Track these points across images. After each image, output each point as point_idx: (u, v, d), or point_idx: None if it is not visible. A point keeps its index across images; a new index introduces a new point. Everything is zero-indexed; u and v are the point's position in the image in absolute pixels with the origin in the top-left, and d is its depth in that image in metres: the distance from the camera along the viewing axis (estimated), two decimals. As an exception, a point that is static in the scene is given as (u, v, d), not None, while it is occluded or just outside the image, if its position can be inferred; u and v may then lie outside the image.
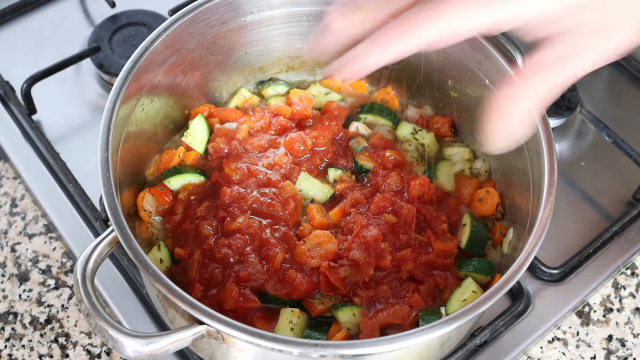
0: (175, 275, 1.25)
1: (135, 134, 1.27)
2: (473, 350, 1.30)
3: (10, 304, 1.36)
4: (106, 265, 1.37)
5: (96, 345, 1.32)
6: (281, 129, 1.41)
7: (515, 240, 1.25)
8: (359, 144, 1.40)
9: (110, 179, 1.10)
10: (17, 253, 1.42)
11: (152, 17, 1.70)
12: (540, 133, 1.17)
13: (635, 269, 1.45)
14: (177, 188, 1.34)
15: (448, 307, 1.21)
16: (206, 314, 0.98)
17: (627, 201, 1.50)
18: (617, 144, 1.52)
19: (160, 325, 1.32)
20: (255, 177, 1.33)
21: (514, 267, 1.05)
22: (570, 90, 1.60)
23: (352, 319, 1.20)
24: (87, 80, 1.65)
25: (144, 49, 1.23)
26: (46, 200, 1.46)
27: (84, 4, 1.78)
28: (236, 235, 1.24)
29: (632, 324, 1.39)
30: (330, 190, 1.34)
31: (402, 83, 1.49)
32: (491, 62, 1.27)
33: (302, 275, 1.22)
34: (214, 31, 1.34)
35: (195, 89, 1.42)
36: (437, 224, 1.30)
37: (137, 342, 0.97)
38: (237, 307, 1.19)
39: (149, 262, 1.02)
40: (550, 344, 1.36)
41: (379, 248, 1.24)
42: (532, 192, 1.19)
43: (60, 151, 1.49)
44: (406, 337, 0.98)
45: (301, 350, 0.97)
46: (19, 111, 1.55)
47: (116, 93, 1.17)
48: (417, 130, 1.44)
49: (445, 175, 1.38)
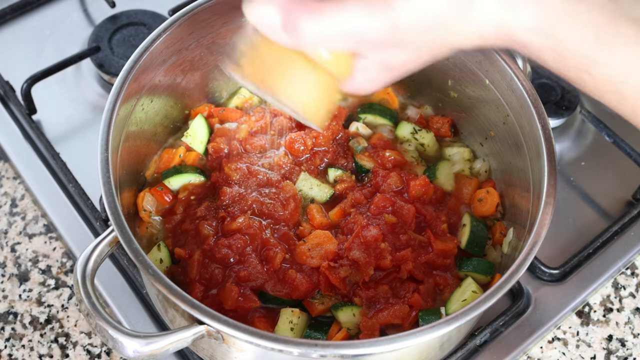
0: (175, 275, 1.25)
1: (135, 134, 1.27)
2: (473, 350, 1.30)
3: (10, 304, 1.36)
4: (106, 265, 1.37)
5: (96, 345, 1.32)
6: (281, 129, 1.41)
7: (515, 240, 1.25)
8: (359, 144, 1.40)
9: (110, 179, 1.10)
10: (17, 253, 1.42)
11: (152, 17, 1.70)
12: (540, 133, 1.17)
13: (635, 269, 1.45)
14: (177, 188, 1.34)
15: (448, 307, 1.21)
16: (206, 314, 0.98)
17: (627, 201, 1.50)
18: (617, 144, 1.52)
19: (160, 325, 1.32)
20: (255, 177, 1.33)
21: (514, 267, 1.05)
22: (570, 90, 1.60)
23: (352, 319, 1.20)
24: (87, 80, 1.65)
25: (144, 49, 1.23)
26: (46, 200, 1.46)
27: (84, 4, 1.78)
28: (236, 236, 1.24)
29: (632, 324, 1.39)
30: (330, 190, 1.34)
31: (402, 83, 1.49)
32: (491, 62, 1.27)
33: (302, 275, 1.22)
34: (214, 31, 1.34)
35: (195, 89, 1.42)
36: (437, 224, 1.30)
37: (137, 342, 0.97)
38: (237, 307, 1.19)
39: (149, 262, 1.02)
40: (550, 344, 1.36)
41: (379, 248, 1.24)
42: (532, 192, 1.19)
43: (60, 151, 1.49)
44: (406, 337, 0.98)
45: (301, 350, 0.97)
46: (19, 111, 1.55)
47: (116, 93, 1.17)
48: (417, 130, 1.44)
49: (445, 175, 1.38)
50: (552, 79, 1.62)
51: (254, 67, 0.92)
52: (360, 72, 0.92)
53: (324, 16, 0.82)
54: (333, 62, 0.90)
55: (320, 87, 0.93)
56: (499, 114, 1.32)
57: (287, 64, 0.90)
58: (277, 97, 0.92)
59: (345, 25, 0.83)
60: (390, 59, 0.90)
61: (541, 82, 1.61)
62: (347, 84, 0.94)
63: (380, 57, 0.90)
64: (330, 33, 0.84)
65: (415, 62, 0.91)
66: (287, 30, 0.85)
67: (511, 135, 1.30)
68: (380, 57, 0.90)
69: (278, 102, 0.94)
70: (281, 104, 0.94)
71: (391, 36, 0.83)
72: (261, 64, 0.91)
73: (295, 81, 0.91)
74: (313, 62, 0.90)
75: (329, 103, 0.96)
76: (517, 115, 1.26)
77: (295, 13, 0.83)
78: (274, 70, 0.91)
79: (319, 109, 0.95)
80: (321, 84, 0.92)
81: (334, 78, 0.92)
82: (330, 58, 0.89)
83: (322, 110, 0.96)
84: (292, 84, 0.92)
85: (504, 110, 1.30)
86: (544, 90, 1.60)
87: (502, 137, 1.34)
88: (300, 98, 0.92)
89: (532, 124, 1.20)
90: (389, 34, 0.83)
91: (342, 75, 0.92)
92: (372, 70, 0.92)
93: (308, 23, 0.83)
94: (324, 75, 0.91)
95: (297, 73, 0.91)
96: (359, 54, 0.90)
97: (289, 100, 0.92)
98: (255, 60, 0.92)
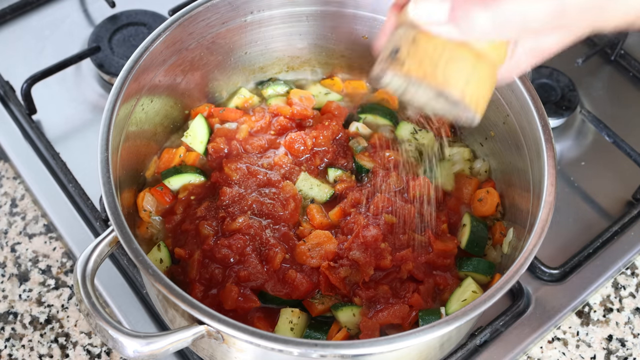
0: (175, 275, 1.25)
1: (135, 134, 1.27)
2: (473, 350, 1.30)
3: (10, 304, 1.36)
4: (106, 265, 1.37)
5: (96, 345, 1.32)
6: (281, 129, 1.41)
7: (515, 240, 1.25)
8: (359, 144, 1.40)
9: (110, 179, 1.10)
10: (17, 253, 1.42)
11: (152, 17, 1.70)
12: (540, 133, 1.17)
13: (635, 269, 1.45)
14: (177, 188, 1.34)
15: (448, 307, 1.21)
16: (206, 314, 0.98)
17: (627, 201, 1.50)
18: (617, 144, 1.52)
19: (160, 325, 1.32)
20: (255, 177, 1.33)
21: (514, 267, 1.05)
22: (570, 90, 1.60)
23: (352, 319, 1.20)
24: (87, 80, 1.65)
25: (144, 49, 1.23)
26: (46, 200, 1.46)
27: (84, 4, 1.78)
28: (236, 236, 1.24)
29: (632, 324, 1.39)
30: (330, 190, 1.34)
31: (402, 83, 1.49)
32: (491, 62, 1.27)
33: (302, 275, 1.22)
34: (214, 31, 1.34)
35: (195, 89, 1.42)
36: (437, 224, 1.30)
37: (137, 342, 0.97)
38: (237, 307, 1.19)
39: (149, 262, 1.02)
40: (550, 344, 1.36)
41: (379, 248, 1.24)
42: (532, 192, 1.19)
43: (60, 151, 1.49)
44: (406, 337, 0.98)
45: (301, 350, 0.97)
46: (19, 111, 1.55)
47: (116, 93, 1.17)
48: (417, 130, 1.44)
49: (445, 175, 1.38)
50: (552, 79, 1.62)
51: (415, 62, 0.94)
52: (513, 57, 0.96)
53: (498, 6, 0.85)
54: (491, 49, 0.93)
55: (483, 75, 0.95)
56: (499, 114, 1.32)
57: (451, 55, 0.93)
58: (443, 88, 0.94)
59: (518, 13, 0.85)
60: (541, 42, 0.94)
61: (541, 82, 1.61)
62: (501, 70, 0.97)
63: (532, 42, 0.94)
64: (502, 22, 0.86)
65: (561, 44, 0.94)
66: (457, 22, 0.88)
67: (511, 135, 1.30)
68: (533, 41, 0.94)
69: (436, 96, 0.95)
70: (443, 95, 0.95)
71: (556, 19, 0.86)
72: (423, 58, 0.94)
73: (461, 71, 0.94)
74: (475, 51, 0.93)
75: (490, 90, 0.98)
76: (517, 115, 1.26)
77: (467, 5, 0.86)
78: (437, 63, 0.93)
79: (482, 97, 0.97)
80: (483, 72, 0.95)
81: (492, 65, 0.95)
82: (489, 45, 0.93)
83: (484, 98, 0.98)
84: (458, 74, 0.94)
85: (504, 110, 1.30)
86: (544, 90, 1.60)
87: (502, 137, 1.34)
88: (467, 87, 0.94)
89: (532, 124, 1.20)
90: (555, 18, 0.85)
91: (499, 62, 0.95)
92: (521, 55, 0.96)
93: (482, 14, 0.85)
94: (484, 63, 0.94)
95: (462, 63, 0.93)
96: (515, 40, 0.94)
97: (456, 90, 0.94)
98: (416, 55, 0.94)
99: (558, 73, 1.63)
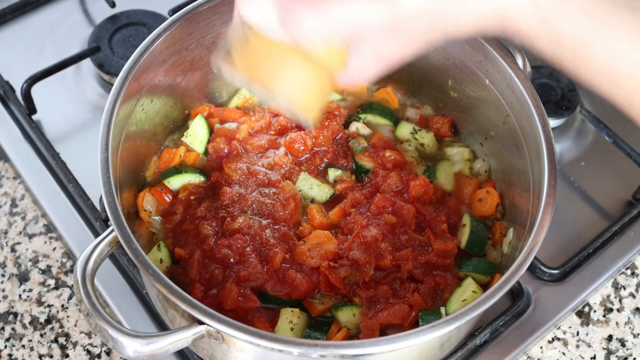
0: (175, 275, 1.25)
1: (135, 134, 1.27)
2: (473, 350, 1.30)
3: (10, 304, 1.36)
4: (106, 265, 1.37)
5: (96, 345, 1.32)
6: (281, 129, 1.41)
7: (515, 240, 1.25)
8: (359, 144, 1.40)
9: (110, 179, 1.10)
10: (17, 253, 1.42)
11: (152, 17, 1.70)
12: (540, 133, 1.17)
13: (635, 269, 1.45)
14: (177, 188, 1.34)
15: (448, 307, 1.21)
16: (206, 314, 0.98)
17: (627, 201, 1.50)
18: (617, 144, 1.52)
19: (160, 325, 1.32)
20: (255, 177, 1.33)
21: (514, 267, 1.05)
22: (570, 90, 1.60)
23: (352, 319, 1.20)
24: (87, 80, 1.65)
25: (144, 49, 1.23)
26: (46, 200, 1.46)
27: (84, 4, 1.78)
28: (236, 236, 1.24)
29: (632, 324, 1.39)
30: (330, 190, 1.34)
31: (402, 83, 1.49)
32: (491, 62, 1.27)
33: (302, 275, 1.22)
34: (214, 31, 1.34)
35: (195, 89, 1.42)
36: (437, 224, 1.30)
37: (137, 342, 0.97)
38: (237, 307, 1.19)
39: (149, 262, 1.02)
40: (550, 344, 1.36)
41: (378, 248, 1.24)
42: (532, 192, 1.19)
43: (60, 151, 1.49)
44: (406, 337, 0.98)
45: (301, 350, 0.97)
46: (19, 111, 1.55)
47: (116, 93, 1.17)
48: (417, 130, 1.44)
49: (445, 175, 1.38)
50: (552, 79, 1.62)
51: (246, 62, 0.92)
52: (354, 63, 0.92)
53: (325, 8, 0.82)
54: (327, 55, 0.89)
55: (313, 80, 0.92)
56: (499, 114, 1.32)
57: (280, 58, 0.89)
58: (270, 91, 0.92)
59: (346, 15, 0.82)
60: (385, 48, 0.89)
61: (541, 82, 1.61)
62: (341, 76, 0.94)
63: (374, 47, 0.90)
64: (330, 25, 0.83)
65: (408, 50, 0.90)
66: (285, 25, 0.84)
67: (511, 135, 1.30)
68: (375, 46, 0.89)
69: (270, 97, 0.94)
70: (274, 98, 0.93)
71: (391, 23, 0.83)
72: (253, 59, 0.91)
73: (289, 75, 0.91)
74: (306, 55, 0.89)
75: (323, 97, 0.96)
76: (517, 115, 1.26)
77: (293, 7, 0.83)
78: (266, 65, 0.90)
79: (313, 103, 0.95)
80: (315, 78, 0.92)
81: (328, 71, 0.91)
82: (324, 50, 0.88)
83: (315, 104, 0.95)
84: (286, 78, 0.91)
85: (504, 110, 1.30)
86: (544, 90, 1.60)
87: (502, 137, 1.34)
88: (294, 92, 0.92)
89: (532, 124, 1.20)
90: (387, 21, 0.83)
91: (336, 68, 0.91)
92: (366, 61, 0.91)
93: (308, 16, 0.83)
94: (317, 69, 0.91)
95: (290, 67, 0.90)
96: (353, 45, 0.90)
97: (282, 94, 0.92)
98: (247, 54, 0.91)
99: (558, 73, 1.62)
